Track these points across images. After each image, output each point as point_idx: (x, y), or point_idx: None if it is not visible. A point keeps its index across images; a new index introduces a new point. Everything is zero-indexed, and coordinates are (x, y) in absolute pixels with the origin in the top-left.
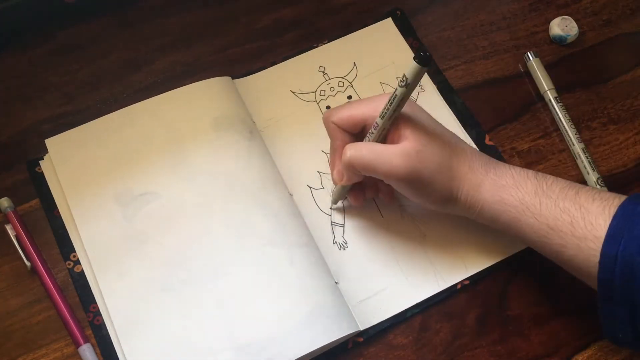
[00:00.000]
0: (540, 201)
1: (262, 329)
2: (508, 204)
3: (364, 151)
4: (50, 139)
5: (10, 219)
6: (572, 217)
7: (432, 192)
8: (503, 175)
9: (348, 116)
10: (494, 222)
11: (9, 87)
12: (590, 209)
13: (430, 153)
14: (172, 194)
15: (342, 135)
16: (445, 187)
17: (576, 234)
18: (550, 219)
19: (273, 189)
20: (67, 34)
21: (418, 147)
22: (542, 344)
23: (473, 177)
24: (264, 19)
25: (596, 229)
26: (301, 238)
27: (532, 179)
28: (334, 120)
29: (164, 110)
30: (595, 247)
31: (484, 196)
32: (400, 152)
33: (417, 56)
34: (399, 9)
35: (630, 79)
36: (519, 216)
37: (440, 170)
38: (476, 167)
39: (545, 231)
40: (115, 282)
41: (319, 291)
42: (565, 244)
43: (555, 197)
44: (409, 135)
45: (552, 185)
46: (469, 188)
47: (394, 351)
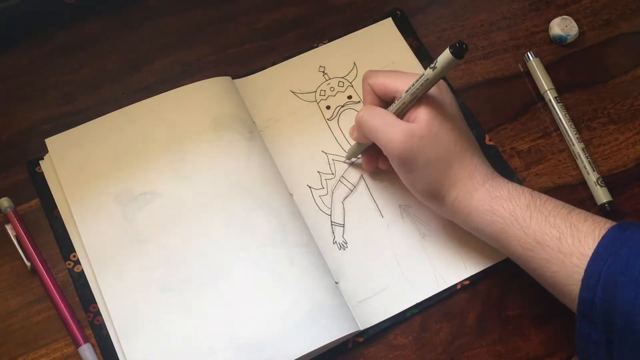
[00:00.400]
0: (531, 215)
1: (262, 328)
2: (498, 214)
3: (375, 116)
4: (50, 138)
5: (10, 219)
6: (561, 233)
7: (420, 181)
8: (498, 187)
9: (381, 83)
10: (480, 231)
11: (9, 87)
12: (580, 228)
13: (434, 143)
14: (172, 194)
15: (373, 97)
16: (435, 182)
17: (562, 250)
18: (539, 233)
19: (273, 188)
20: (67, 34)
21: (424, 132)
22: (542, 344)
23: (468, 184)
24: (264, 19)
25: (584, 247)
26: (301, 238)
27: (527, 195)
28: (370, 82)
29: (164, 110)
30: (579, 264)
31: (474, 204)
32: (404, 130)
33: (452, 46)
34: (399, 9)
35: (630, 79)
36: (506, 228)
37: (437, 164)
38: (475, 175)
39: (531, 245)
40: (115, 282)
41: (319, 291)
42: (550, 259)
43: (547, 213)
44: (422, 120)
45: (545, 202)
46: (460, 193)
47: (394, 351)
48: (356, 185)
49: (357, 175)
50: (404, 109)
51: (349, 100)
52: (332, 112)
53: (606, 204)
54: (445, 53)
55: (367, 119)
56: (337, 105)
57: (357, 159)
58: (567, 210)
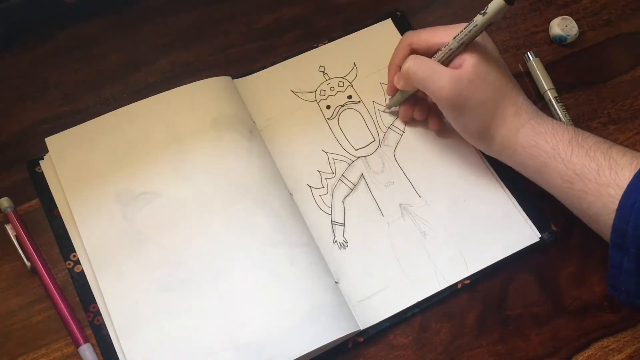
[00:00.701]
0: (572, 149)
1: (262, 328)
2: (541, 148)
3: (422, 65)
4: (50, 137)
5: (10, 219)
6: (600, 166)
7: (471, 123)
8: (543, 123)
9: (425, 39)
10: (524, 165)
11: (9, 87)
12: (619, 161)
13: (482, 86)
14: (172, 194)
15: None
16: (485, 121)
17: (600, 181)
18: (578, 166)
19: (273, 188)
20: (67, 34)
21: (472, 76)
22: (542, 344)
23: (515, 121)
24: (264, 19)
25: (620, 178)
26: (301, 237)
27: (570, 130)
28: (412, 40)
29: (164, 109)
30: (615, 194)
31: (520, 140)
32: (453, 76)
33: None
34: (399, 9)
35: (630, 79)
36: (548, 161)
37: (486, 104)
38: (521, 113)
39: (570, 177)
40: (115, 282)
41: (319, 291)
42: (588, 190)
43: (588, 147)
44: (469, 64)
45: (587, 138)
46: (508, 130)
47: (394, 351)
48: (356, 185)
49: (357, 175)
50: (451, 56)
51: (349, 100)
52: (332, 112)
53: None
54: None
55: (415, 69)
56: (337, 105)
57: (396, 108)
58: (608, 145)
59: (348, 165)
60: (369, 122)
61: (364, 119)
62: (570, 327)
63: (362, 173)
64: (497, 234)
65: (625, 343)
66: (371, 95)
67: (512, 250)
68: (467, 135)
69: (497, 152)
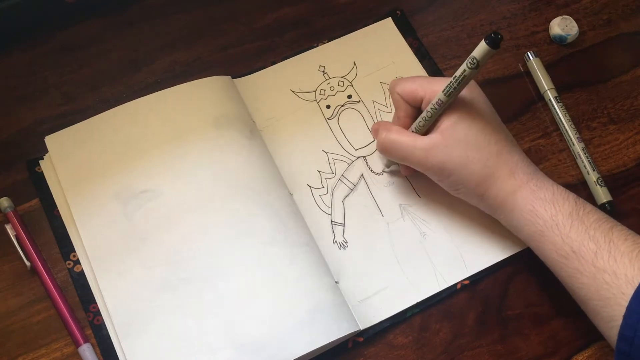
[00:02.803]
0: (572, 223)
1: (262, 328)
2: (539, 216)
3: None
4: (49, 136)
5: (10, 218)
6: (599, 248)
7: (456, 184)
8: (543, 188)
9: (409, 90)
10: (518, 229)
11: (9, 87)
12: (619, 246)
13: (460, 148)
14: (172, 192)
15: (405, 106)
16: (471, 181)
17: (596, 264)
18: (576, 244)
19: (273, 188)
20: (67, 34)
21: (447, 141)
22: (542, 344)
23: (510, 182)
24: (264, 19)
25: (618, 266)
26: (301, 237)
27: (571, 201)
28: (398, 90)
29: (164, 107)
30: (610, 282)
31: (517, 202)
32: (425, 146)
33: (488, 37)
34: (399, 9)
35: (630, 78)
36: (545, 231)
37: (469, 166)
38: (518, 173)
39: (566, 253)
40: (115, 281)
41: (319, 290)
42: (583, 270)
43: (589, 224)
44: (443, 127)
45: (589, 213)
46: (501, 192)
47: (394, 351)
48: (356, 185)
49: (357, 175)
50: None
51: (348, 99)
52: (332, 112)
53: (606, 204)
54: (482, 46)
55: (389, 149)
56: (337, 105)
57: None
58: (609, 226)
59: (348, 165)
60: (369, 121)
61: (364, 119)
62: (570, 327)
63: (362, 173)
64: (496, 235)
65: None
66: (371, 94)
67: (512, 252)
68: (458, 195)
69: (492, 211)
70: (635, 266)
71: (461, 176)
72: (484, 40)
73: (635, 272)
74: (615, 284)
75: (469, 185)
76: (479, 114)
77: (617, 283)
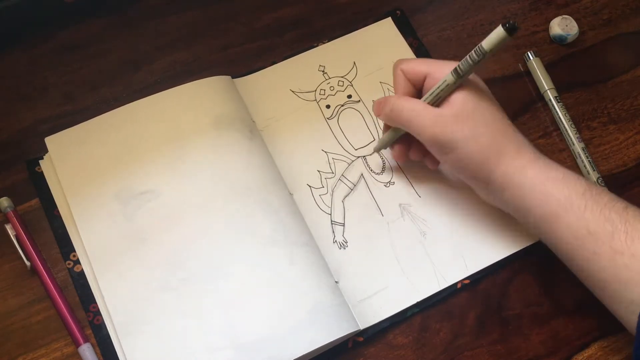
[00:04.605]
0: (587, 204)
1: (262, 328)
2: (553, 195)
3: (406, 105)
4: (49, 137)
5: (10, 218)
6: (615, 228)
7: (463, 160)
8: (553, 168)
9: (413, 67)
10: (527, 212)
11: (9, 87)
12: (636, 226)
13: (470, 120)
14: (172, 193)
15: (405, 84)
16: (478, 158)
17: (614, 246)
18: (592, 223)
19: (273, 188)
20: (67, 34)
21: (458, 112)
22: (542, 344)
23: (518, 159)
24: (264, 19)
25: (636, 247)
26: (301, 237)
27: (583, 182)
28: (402, 67)
29: (164, 107)
30: (629, 264)
31: (527, 181)
32: (436, 113)
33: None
34: (399, 9)
35: (630, 78)
36: (560, 211)
37: (477, 140)
38: (525, 150)
39: (582, 234)
40: (115, 281)
41: (319, 290)
42: (600, 252)
43: (603, 204)
44: (455, 100)
45: (601, 193)
46: (510, 168)
47: (394, 351)
48: (356, 184)
49: (357, 174)
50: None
51: (348, 99)
52: (332, 111)
53: None
54: (500, 31)
55: (398, 110)
56: (337, 105)
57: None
58: (623, 206)
59: (348, 165)
60: (368, 121)
61: (363, 119)
62: (570, 327)
63: (361, 173)
64: (496, 234)
65: (625, 343)
66: (371, 94)
67: (512, 250)
68: (461, 174)
69: (498, 192)
70: None
71: (469, 150)
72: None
73: None
74: (635, 265)
75: (477, 160)
76: (485, 94)
77: (636, 264)
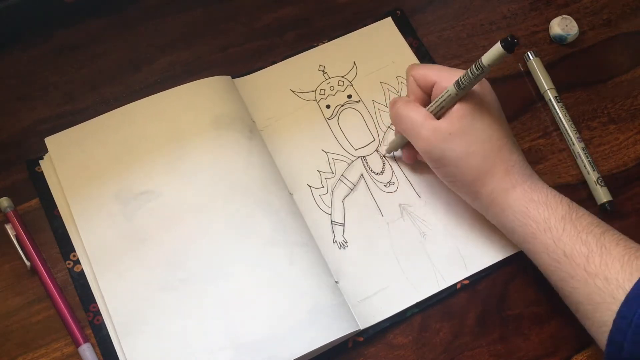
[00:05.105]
0: (565, 227)
1: (262, 328)
2: (531, 218)
3: (405, 115)
4: (50, 137)
5: (10, 218)
6: (590, 252)
7: (453, 175)
8: (537, 190)
9: (423, 73)
10: (511, 231)
11: (9, 87)
12: (611, 250)
13: (463, 139)
14: (172, 193)
15: (416, 90)
16: (468, 175)
17: (588, 269)
18: (568, 247)
19: (273, 188)
20: (67, 34)
21: (453, 129)
22: (542, 344)
23: (505, 180)
24: (264, 19)
25: (609, 271)
26: (301, 237)
27: (565, 205)
28: (412, 73)
29: (164, 108)
30: (601, 286)
31: (509, 202)
32: (431, 128)
33: (504, 40)
34: (399, 8)
35: (630, 78)
36: (538, 234)
37: (469, 158)
38: (513, 172)
39: (558, 256)
40: (115, 281)
41: (318, 290)
42: (574, 274)
43: (581, 228)
44: (453, 116)
45: (581, 217)
46: (496, 188)
47: (394, 351)
48: (356, 184)
49: (357, 174)
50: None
51: (348, 99)
52: (332, 111)
53: (606, 204)
54: (497, 48)
55: (400, 118)
56: (337, 104)
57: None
58: (602, 230)
59: (348, 165)
60: (368, 121)
61: (363, 119)
62: (570, 327)
63: (361, 173)
64: (496, 235)
65: None
66: (371, 94)
67: (511, 252)
68: (450, 186)
69: (483, 208)
70: (626, 271)
71: (459, 168)
72: (499, 43)
73: (627, 277)
74: (607, 288)
75: (466, 179)
76: (487, 109)
77: (609, 288)
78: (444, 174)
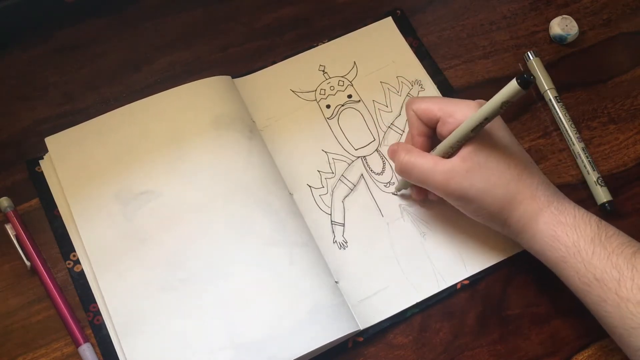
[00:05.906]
0: (594, 250)
1: (262, 328)
2: (561, 241)
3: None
4: (50, 137)
5: (10, 218)
6: (621, 275)
7: (479, 210)
8: (564, 212)
9: (425, 109)
10: (541, 255)
11: (9, 87)
12: None
13: (482, 173)
14: (172, 193)
15: (419, 124)
16: (494, 206)
17: (620, 293)
18: (599, 271)
19: (273, 188)
20: (67, 34)
21: (468, 166)
22: (542, 344)
23: (532, 205)
24: (264, 19)
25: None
26: (301, 237)
27: (593, 225)
28: (413, 108)
29: (164, 108)
30: (635, 311)
31: (539, 227)
32: (447, 169)
33: (520, 77)
34: (399, 8)
35: (630, 78)
36: (567, 257)
37: (491, 190)
38: (539, 196)
39: (589, 280)
40: (115, 281)
41: (318, 290)
42: (607, 298)
43: (611, 250)
44: (465, 153)
45: (611, 237)
46: (525, 214)
47: (394, 351)
48: (356, 185)
49: (357, 174)
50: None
51: (349, 99)
52: (332, 111)
53: (606, 204)
54: (513, 85)
55: (407, 170)
56: (337, 104)
57: (406, 191)
58: (632, 251)
59: (348, 165)
60: (369, 121)
61: (364, 119)
62: (570, 327)
63: (362, 173)
64: (496, 235)
65: None
66: (371, 94)
67: (511, 252)
68: (480, 220)
69: (515, 235)
70: None
71: (484, 202)
72: (515, 80)
73: None
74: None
75: (492, 210)
76: (499, 139)
77: None
78: (470, 210)
